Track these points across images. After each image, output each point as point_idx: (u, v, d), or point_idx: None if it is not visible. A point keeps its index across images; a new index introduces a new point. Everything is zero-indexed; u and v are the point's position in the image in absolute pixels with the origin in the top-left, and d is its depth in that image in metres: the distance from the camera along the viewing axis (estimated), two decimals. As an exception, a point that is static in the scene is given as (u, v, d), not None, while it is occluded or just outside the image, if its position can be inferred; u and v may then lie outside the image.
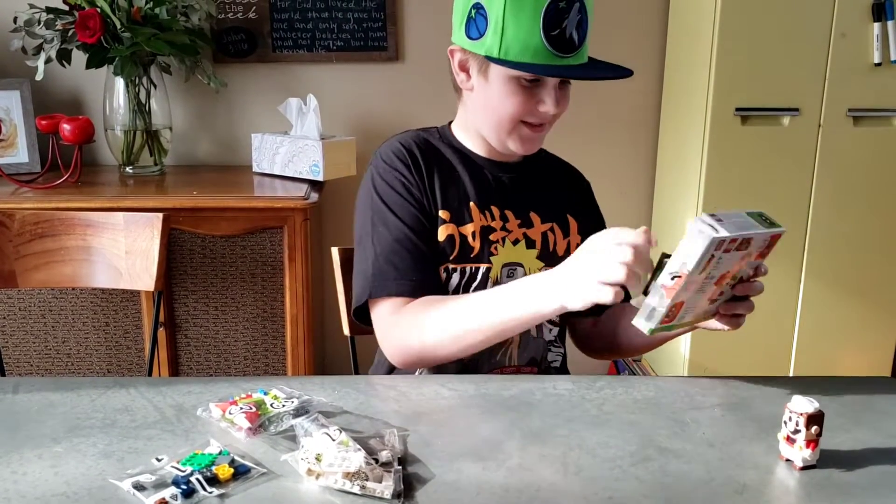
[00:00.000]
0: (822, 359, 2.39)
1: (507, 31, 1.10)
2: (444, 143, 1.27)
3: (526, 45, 1.10)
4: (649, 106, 2.57)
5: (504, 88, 1.15)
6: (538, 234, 1.25)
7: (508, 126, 1.18)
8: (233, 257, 2.08)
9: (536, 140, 1.22)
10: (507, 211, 1.24)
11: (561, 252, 1.26)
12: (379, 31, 2.45)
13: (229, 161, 2.52)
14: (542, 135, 1.21)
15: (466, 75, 1.20)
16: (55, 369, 2.11)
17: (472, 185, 1.23)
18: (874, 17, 2.15)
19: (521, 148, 1.21)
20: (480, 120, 1.23)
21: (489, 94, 1.17)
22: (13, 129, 2.32)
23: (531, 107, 1.16)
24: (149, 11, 2.14)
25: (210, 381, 1.10)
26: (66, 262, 1.66)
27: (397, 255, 1.16)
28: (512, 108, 1.16)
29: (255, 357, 2.15)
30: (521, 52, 1.10)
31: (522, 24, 1.09)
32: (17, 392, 1.06)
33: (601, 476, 0.87)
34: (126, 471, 0.86)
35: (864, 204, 2.29)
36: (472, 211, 1.22)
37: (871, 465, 0.91)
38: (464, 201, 1.22)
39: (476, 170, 1.25)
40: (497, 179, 1.26)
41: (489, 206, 1.23)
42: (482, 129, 1.23)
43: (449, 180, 1.23)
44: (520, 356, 1.25)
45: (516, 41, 1.10)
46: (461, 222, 1.21)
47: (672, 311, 0.97)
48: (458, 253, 1.20)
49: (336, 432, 0.90)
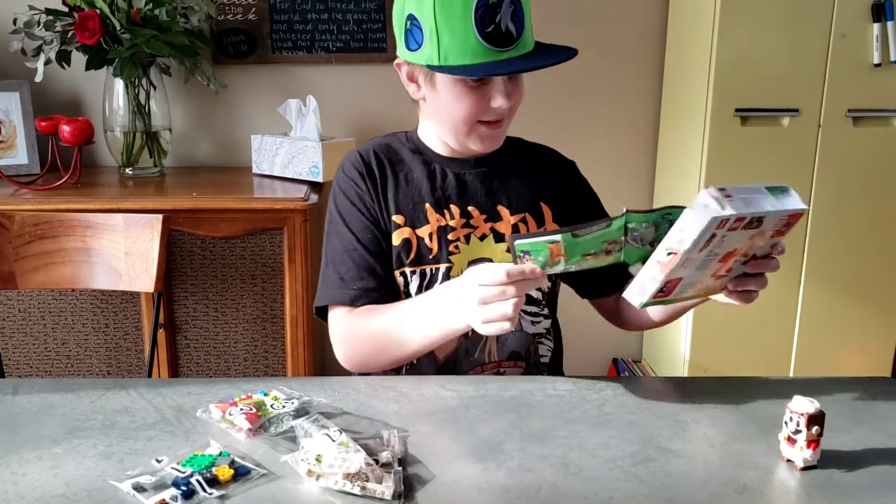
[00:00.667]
0: (822, 359, 2.39)
1: (441, 36, 1.10)
2: (408, 148, 1.29)
3: (463, 48, 1.10)
4: (649, 107, 2.57)
5: (452, 93, 1.15)
6: (508, 226, 1.25)
7: (465, 128, 1.18)
8: (232, 259, 2.08)
9: (496, 136, 1.21)
10: (471, 208, 1.24)
11: None
12: (378, 32, 2.45)
13: (229, 162, 2.52)
14: (501, 130, 1.21)
15: (416, 86, 1.21)
16: (55, 371, 2.11)
17: (429, 187, 1.24)
18: (874, 17, 2.15)
19: (481, 147, 1.21)
20: (437, 126, 1.24)
21: (440, 101, 1.18)
22: (13, 130, 2.32)
23: (483, 106, 1.15)
24: (148, 13, 2.14)
25: (210, 382, 1.10)
26: (66, 264, 1.66)
27: (343, 265, 1.22)
28: (464, 111, 1.16)
29: (255, 358, 2.15)
30: (459, 55, 1.10)
31: (455, 27, 1.09)
32: (16, 393, 1.06)
33: (601, 476, 0.87)
34: (126, 472, 0.86)
35: (863, 204, 2.29)
36: (427, 212, 1.23)
37: (871, 466, 0.91)
38: (419, 204, 1.23)
39: (436, 171, 1.26)
40: (459, 178, 1.26)
41: (448, 205, 1.24)
42: (441, 135, 1.25)
43: (405, 184, 1.25)
44: (499, 351, 1.25)
45: (453, 45, 1.10)
46: (417, 225, 1.23)
47: (668, 286, 0.95)
48: (415, 256, 1.22)
49: (336, 433, 0.90)
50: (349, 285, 1.20)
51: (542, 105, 2.45)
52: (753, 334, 2.36)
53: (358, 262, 1.21)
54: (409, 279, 1.22)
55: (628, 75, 2.54)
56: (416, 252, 1.22)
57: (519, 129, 1.46)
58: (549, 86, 2.43)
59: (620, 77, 2.53)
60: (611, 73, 2.51)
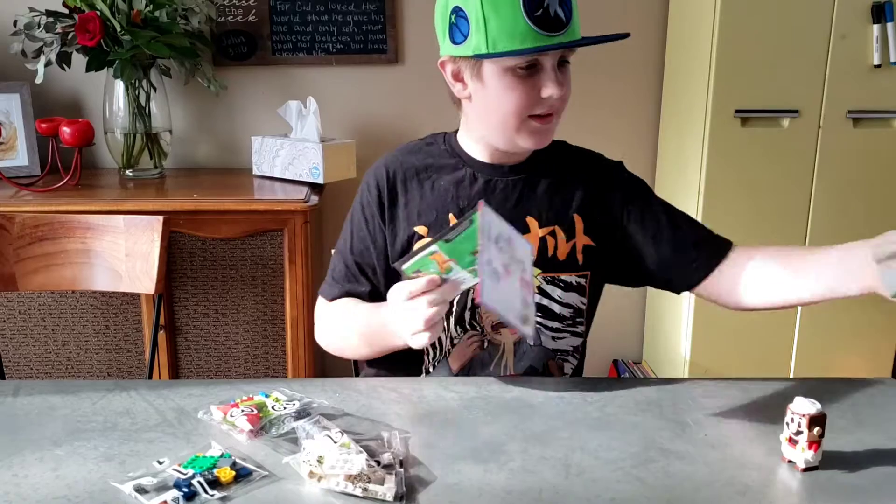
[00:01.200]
0: (822, 360, 2.39)
1: (489, 24, 1.07)
2: (445, 151, 1.26)
3: (512, 33, 1.07)
4: (649, 107, 2.57)
5: (501, 84, 1.12)
6: (535, 239, 1.21)
7: (515, 122, 1.14)
8: (233, 260, 2.08)
9: (547, 131, 1.17)
10: None
11: (563, 256, 1.22)
12: (378, 33, 2.45)
13: (229, 164, 2.52)
14: (551, 125, 1.17)
15: (462, 84, 1.17)
16: (55, 372, 2.10)
17: (454, 195, 1.22)
18: (874, 18, 2.15)
19: (531, 143, 1.17)
20: (485, 125, 1.19)
21: (488, 95, 1.14)
22: (13, 132, 2.32)
23: (534, 97, 1.12)
24: (148, 14, 2.14)
25: (211, 383, 1.10)
26: (66, 265, 1.65)
27: (337, 266, 1.29)
28: (514, 103, 1.12)
29: (256, 360, 2.15)
30: (508, 40, 1.07)
31: (503, 12, 1.07)
32: (17, 395, 1.06)
33: (603, 478, 0.87)
34: (127, 474, 0.86)
35: (864, 205, 2.29)
36: (449, 223, 1.20)
37: (873, 467, 0.91)
38: (442, 214, 1.22)
39: (465, 177, 1.23)
40: (489, 185, 1.22)
41: None
42: (489, 135, 1.20)
43: (430, 193, 1.23)
44: (516, 365, 1.24)
45: (501, 31, 1.07)
46: None
47: None
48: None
49: (338, 434, 0.90)
50: (337, 283, 1.27)
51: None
52: (754, 335, 2.36)
53: (348, 267, 1.27)
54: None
55: (628, 76, 2.54)
56: None
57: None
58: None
59: (620, 78, 2.53)
60: (611, 74, 2.51)
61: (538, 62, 1.11)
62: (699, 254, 1.23)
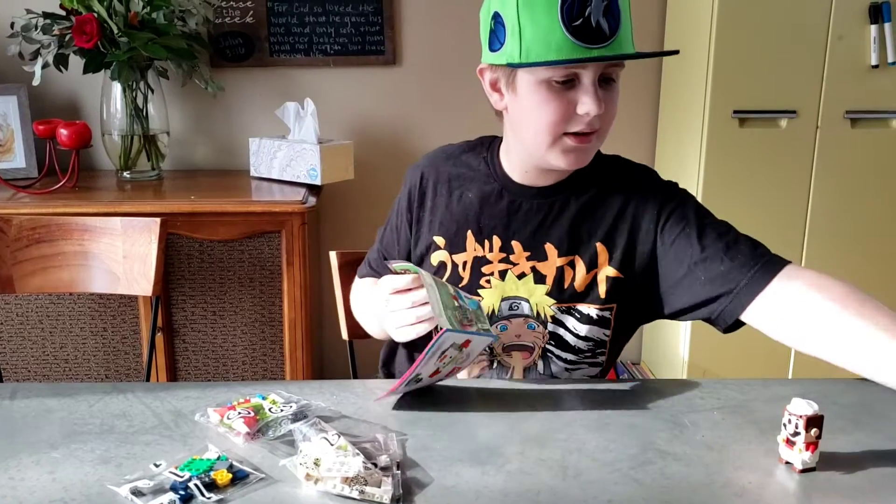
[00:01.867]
0: (820, 361, 2.39)
1: (524, 31, 1.00)
2: (483, 160, 1.21)
3: (547, 43, 0.99)
4: (647, 108, 2.57)
5: (535, 97, 1.05)
6: (551, 268, 1.15)
7: (548, 138, 1.07)
8: (231, 262, 2.08)
9: (583, 152, 1.10)
10: (514, 242, 1.16)
11: (581, 288, 1.15)
12: (376, 35, 2.45)
13: (227, 165, 2.52)
14: (589, 146, 1.09)
15: (499, 95, 1.11)
16: (52, 375, 2.10)
17: (476, 213, 1.18)
18: (871, 19, 2.15)
19: (565, 162, 1.09)
20: (518, 139, 1.13)
21: (521, 106, 1.08)
22: (10, 134, 2.32)
23: (569, 112, 1.05)
24: (146, 16, 2.14)
25: (208, 386, 1.10)
26: (64, 268, 1.65)
27: (374, 252, 1.37)
28: (548, 116, 1.05)
29: (254, 362, 2.15)
30: (543, 50, 1.00)
31: (539, 20, 0.99)
32: (14, 398, 1.06)
33: (601, 479, 0.87)
34: (124, 476, 0.85)
35: (862, 205, 2.29)
36: (467, 240, 1.17)
37: (871, 468, 0.90)
38: (462, 229, 1.18)
39: (492, 194, 1.18)
40: (515, 206, 1.16)
41: (490, 235, 1.17)
42: (523, 149, 1.14)
43: (455, 205, 1.19)
44: None
45: (536, 40, 1.00)
46: (455, 250, 1.19)
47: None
48: (450, 279, 1.18)
49: (335, 437, 0.90)
50: (368, 265, 1.37)
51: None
52: (752, 336, 2.34)
53: (378, 253, 1.35)
54: None
55: (626, 78, 2.52)
56: (451, 276, 1.18)
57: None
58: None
59: (619, 78, 2.53)
60: (609, 76, 2.52)
61: (576, 76, 1.04)
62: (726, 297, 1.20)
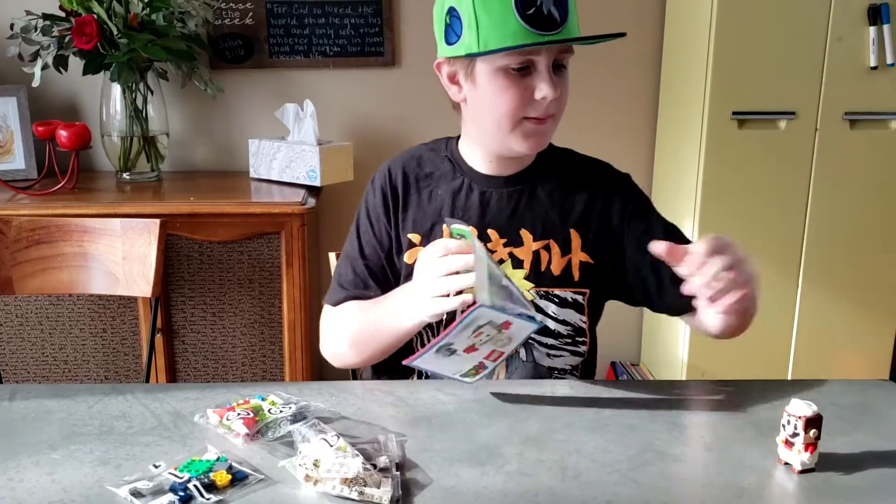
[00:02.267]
0: (819, 362, 2.39)
1: (480, 22, 1.07)
2: (446, 159, 1.25)
3: (503, 31, 1.06)
4: (646, 110, 2.57)
5: (494, 85, 1.11)
6: (528, 253, 1.19)
7: (508, 124, 1.12)
8: (230, 263, 2.08)
9: (542, 134, 1.15)
10: (490, 230, 1.20)
11: (557, 272, 1.19)
12: (376, 36, 2.45)
13: (226, 167, 2.52)
14: (546, 128, 1.15)
15: (457, 87, 1.16)
16: (52, 376, 2.10)
17: (450, 205, 1.21)
18: (870, 20, 2.15)
19: (526, 146, 1.15)
20: (480, 128, 1.18)
21: (481, 96, 1.13)
22: (10, 135, 2.32)
23: (527, 97, 1.10)
24: (145, 17, 2.14)
25: (207, 387, 1.10)
26: (63, 269, 1.65)
27: (345, 272, 1.26)
28: (507, 103, 1.11)
29: (253, 363, 2.15)
30: (499, 38, 1.06)
31: (494, 11, 1.06)
32: (13, 399, 1.06)
33: (600, 480, 0.87)
34: (123, 477, 0.85)
35: (861, 207, 2.29)
36: (443, 233, 1.19)
37: (869, 469, 0.91)
38: (437, 224, 1.21)
39: (462, 187, 1.22)
40: (484, 197, 1.21)
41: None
42: (484, 138, 1.19)
43: (427, 202, 1.23)
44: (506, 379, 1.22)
45: (492, 29, 1.06)
46: None
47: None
48: None
49: (334, 438, 0.90)
50: (344, 288, 1.25)
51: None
52: (751, 337, 2.33)
53: (357, 272, 1.25)
54: None
55: (625, 78, 2.55)
56: None
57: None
58: (546, 89, 2.43)
59: (617, 80, 2.54)
60: (608, 76, 2.52)
61: (532, 63, 1.09)
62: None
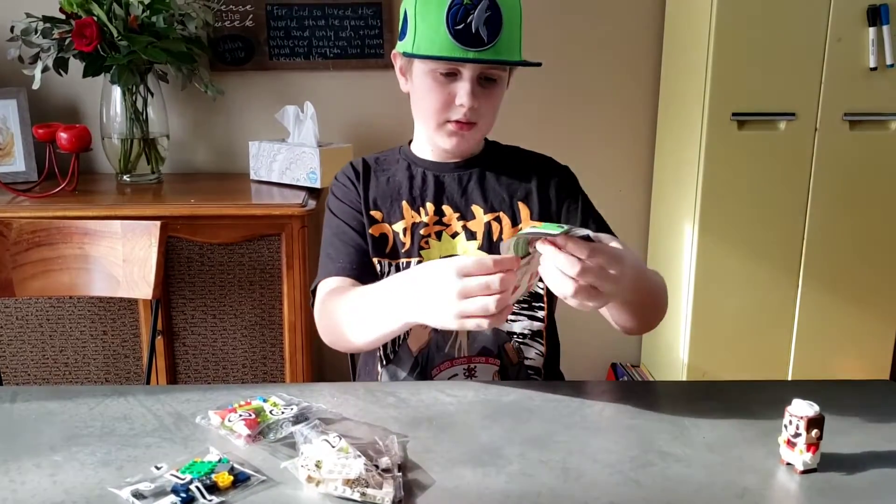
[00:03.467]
0: (820, 362, 2.40)
1: (418, 28, 1.18)
2: (399, 156, 1.35)
3: (432, 40, 1.16)
4: (646, 111, 2.57)
5: (424, 85, 1.21)
6: (479, 225, 1.28)
7: (433, 122, 1.23)
8: (230, 265, 2.08)
9: (463, 138, 1.24)
10: (445, 206, 1.29)
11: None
12: (375, 38, 2.45)
13: (227, 169, 2.52)
14: (469, 133, 1.23)
15: (405, 79, 1.28)
16: (53, 378, 2.10)
17: (408, 186, 1.30)
18: (869, 21, 2.15)
19: (449, 144, 1.25)
20: (417, 119, 1.30)
21: (415, 91, 1.25)
22: (10, 137, 2.32)
23: (448, 102, 1.20)
24: (146, 20, 2.14)
25: (209, 388, 1.10)
26: (64, 271, 1.65)
27: (332, 247, 1.28)
28: (431, 104, 1.21)
29: (254, 364, 2.14)
30: (429, 46, 1.17)
31: (430, 19, 1.16)
32: (14, 401, 1.06)
33: (602, 481, 0.87)
34: (125, 479, 0.85)
35: (861, 207, 2.30)
36: (403, 209, 1.28)
37: (871, 469, 0.91)
38: (396, 201, 1.29)
39: (417, 174, 1.31)
40: (438, 179, 1.30)
41: (423, 203, 1.29)
42: (420, 129, 1.31)
43: (385, 184, 1.31)
44: (470, 347, 1.26)
45: (424, 36, 1.17)
46: (392, 220, 1.29)
47: None
48: (391, 249, 1.27)
49: (336, 439, 0.90)
50: (335, 260, 1.26)
51: (539, 110, 2.46)
52: (752, 338, 2.37)
53: (345, 241, 1.28)
54: (387, 271, 1.26)
55: (625, 80, 2.55)
56: (392, 246, 1.27)
57: (516, 134, 1.46)
58: (546, 91, 2.43)
59: (617, 82, 2.54)
60: (608, 78, 2.52)
61: (458, 71, 1.19)
62: None
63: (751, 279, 2.31)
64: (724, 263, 2.29)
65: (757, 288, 2.32)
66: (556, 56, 2.43)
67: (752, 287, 2.32)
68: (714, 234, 2.28)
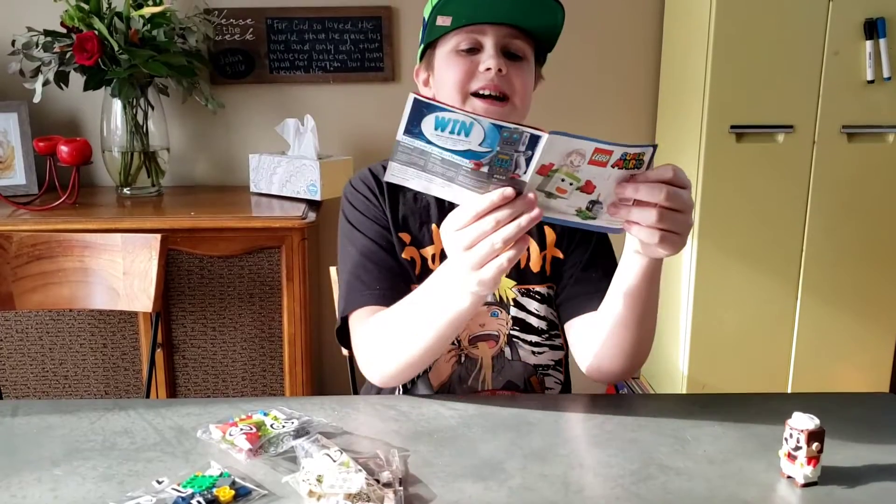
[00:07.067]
0: (819, 374, 2.40)
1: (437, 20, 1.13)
2: None
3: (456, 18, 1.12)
4: (645, 124, 2.58)
5: (446, 64, 1.15)
6: None
7: (458, 97, 1.13)
8: (230, 277, 2.08)
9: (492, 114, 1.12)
10: None
11: (536, 268, 1.23)
12: (375, 51, 2.46)
13: (227, 181, 2.53)
14: (496, 109, 1.12)
15: (428, 88, 1.22)
16: (52, 392, 2.10)
17: (437, 207, 1.22)
18: (866, 34, 2.17)
19: None
20: None
21: (438, 78, 1.18)
22: (10, 151, 2.32)
23: (472, 70, 1.12)
24: (146, 33, 2.15)
25: (209, 402, 1.10)
26: (64, 284, 1.65)
27: (363, 269, 1.17)
28: (454, 76, 1.13)
29: (254, 377, 2.14)
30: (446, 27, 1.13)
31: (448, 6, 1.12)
32: (15, 415, 1.06)
33: (603, 495, 0.87)
34: (126, 493, 0.85)
35: (858, 219, 2.30)
36: (433, 233, 1.21)
37: (872, 482, 0.91)
38: (426, 223, 1.22)
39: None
40: None
41: None
42: None
43: (413, 202, 1.23)
44: (494, 380, 1.22)
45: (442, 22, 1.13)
46: (421, 245, 1.21)
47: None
48: (420, 274, 1.19)
49: (337, 453, 0.90)
50: (373, 286, 1.15)
51: (537, 122, 2.46)
52: (751, 350, 2.37)
53: (378, 265, 1.17)
54: None
55: (624, 92, 2.56)
56: (422, 271, 1.20)
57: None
58: (544, 103, 2.44)
59: (616, 94, 2.55)
60: (606, 90, 2.53)
61: (480, 45, 1.13)
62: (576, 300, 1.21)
63: (750, 291, 2.31)
64: (723, 275, 2.30)
65: (756, 300, 2.32)
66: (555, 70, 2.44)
67: (751, 299, 2.32)
68: (713, 245, 2.28)
